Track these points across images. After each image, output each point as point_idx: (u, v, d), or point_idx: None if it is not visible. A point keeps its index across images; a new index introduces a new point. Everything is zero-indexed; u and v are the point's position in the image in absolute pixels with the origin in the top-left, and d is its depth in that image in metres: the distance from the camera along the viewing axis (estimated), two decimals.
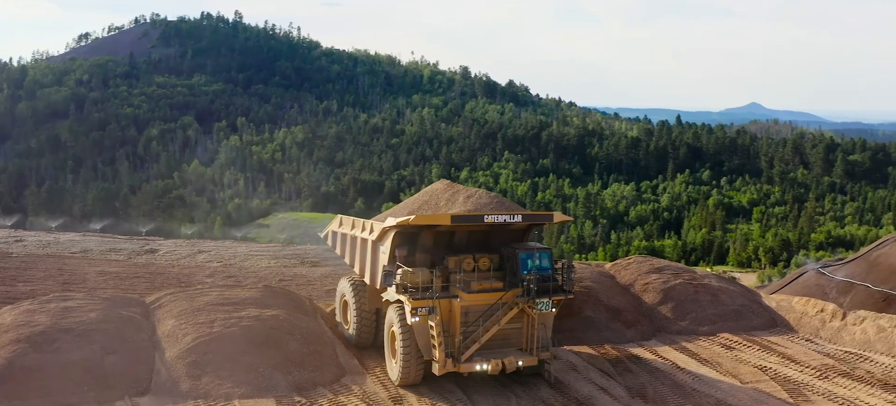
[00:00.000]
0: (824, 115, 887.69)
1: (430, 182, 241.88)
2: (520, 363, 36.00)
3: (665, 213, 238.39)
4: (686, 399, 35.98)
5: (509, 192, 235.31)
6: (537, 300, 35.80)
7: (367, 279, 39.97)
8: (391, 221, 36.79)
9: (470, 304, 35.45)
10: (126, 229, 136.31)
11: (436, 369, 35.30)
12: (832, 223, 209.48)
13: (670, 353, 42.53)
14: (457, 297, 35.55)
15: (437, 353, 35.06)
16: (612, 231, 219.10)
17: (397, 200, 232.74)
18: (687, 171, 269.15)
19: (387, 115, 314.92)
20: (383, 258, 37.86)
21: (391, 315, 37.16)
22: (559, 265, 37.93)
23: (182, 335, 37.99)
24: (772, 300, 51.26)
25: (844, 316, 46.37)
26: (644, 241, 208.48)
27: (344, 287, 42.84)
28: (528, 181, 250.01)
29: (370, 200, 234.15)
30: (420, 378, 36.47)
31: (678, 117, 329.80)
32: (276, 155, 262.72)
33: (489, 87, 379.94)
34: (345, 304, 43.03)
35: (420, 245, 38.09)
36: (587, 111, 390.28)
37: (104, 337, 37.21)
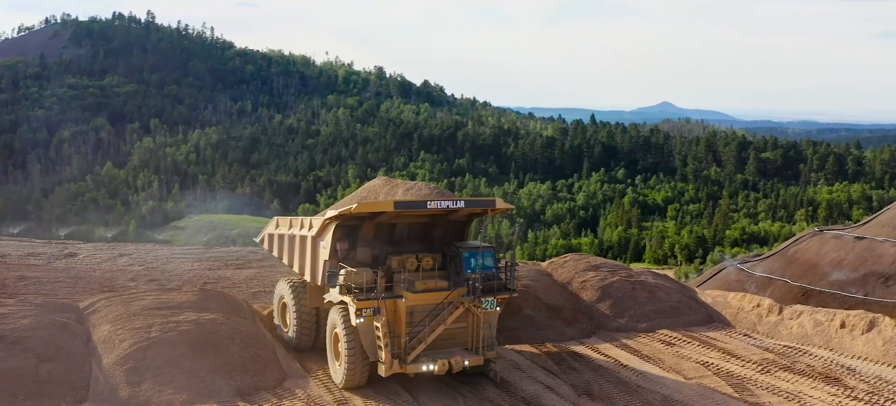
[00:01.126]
0: (734, 113, 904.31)
1: (347, 183, 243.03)
2: (466, 363, 35.57)
3: (581, 212, 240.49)
4: (633, 396, 35.87)
5: None
6: (483, 299, 35.46)
7: (307, 277, 39.11)
8: (331, 212, 36.22)
9: (415, 303, 34.87)
10: (41, 233, 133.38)
11: (382, 371, 34.65)
12: (746, 220, 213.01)
13: (612, 351, 42.46)
14: (401, 297, 34.99)
15: (383, 355, 34.40)
16: (529, 230, 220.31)
17: (314, 202, 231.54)
18: (602, 169, 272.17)
19: (302, 116, 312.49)
20: (324, 253, 37.07)
21: (334, 316, 36.42)
22: (502, 263, 37.68)
23: (119, 341, 36.83)
24: (707, 296, 51.59)
25: (781, 311, 46.81)
26: (561, 240, 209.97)
27: (282, 289, 41.94)
28: (445, 181, 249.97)
29: (286, 202, 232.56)
30: (365, 380, 35.80)
31: (592, 116, 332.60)
32: (190, 156, 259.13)
33: (404, 87, 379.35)
34: (283, 307, 42.17)
35: (361, 238, 37.48)
36: (502, 111, 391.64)
37: (38, 344, 35.85)
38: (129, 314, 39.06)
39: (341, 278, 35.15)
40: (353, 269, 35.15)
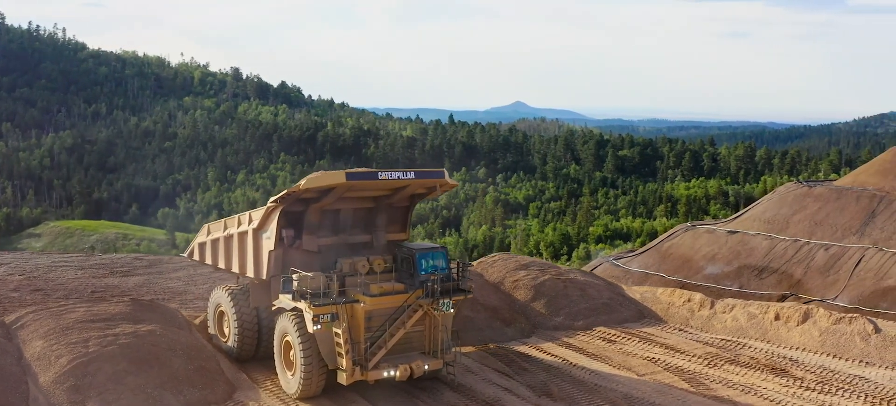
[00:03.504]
0: (586, 112, 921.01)
1: (207, 186, 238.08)
2: (426, 367, 34.62)
3: (444, 211, 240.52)
4: (593, 394, 35.48)
5: None
6: (440, 301, 34.59)
7: (250, 273, 37.40)
8: (274, 198, 35.02)
9: (373, 307, 33.66)
10: None
11: (343, 379, 33.28)
12: (608, 217, 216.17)
13: (556, 350, 42.07)
14: (359, 301, 33.77)
15: (343, 362, 33.05)
16: None
17: (173, 205, 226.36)
18: (463, 168, 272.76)
19: (158, 118, 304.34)
20: (268, 243, 35.72)
21: (285, 324, 34.83)
22: (454, 265, 36.86)
23: (55, 357, 34.41)
24: (635, 292, 51.71)
25: (713, 305, 47.17)
26: (427, 239, 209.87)
27: (220, 297, 40.00)
28: None
29: (145, 206, 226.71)
30: (321, 389, 34.48)
31: (451, 116, 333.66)
32: (44, 161, 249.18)
33: (261, 89, 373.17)
34: (221, 315, 40.27)
35: (307, 224, 36.03)
36: (360, 112, 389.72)
37: None
38: (61, 328, 36.63)
39: (295, 284, 33.76)
40: (308, 274, 33.81)
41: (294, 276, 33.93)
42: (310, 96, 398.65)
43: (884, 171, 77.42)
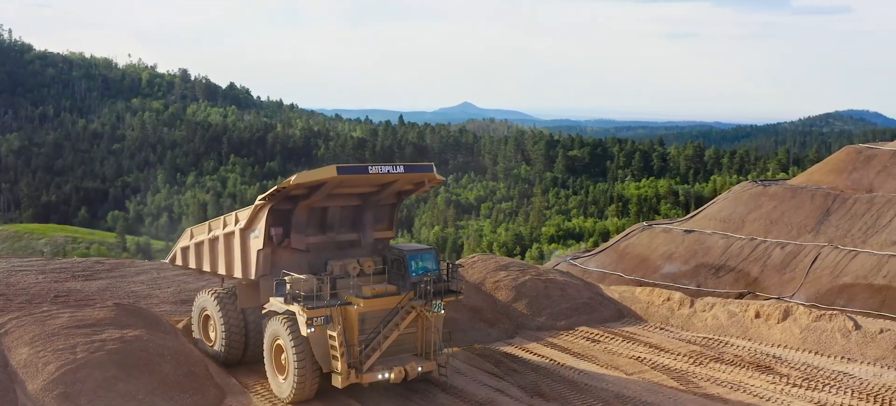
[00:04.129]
0: (534, 113, 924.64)
1: (157, 188, 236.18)
2: (420, 369, 34.53)
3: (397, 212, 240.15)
4: (585, 394, 35.59)
5: (239, 195, 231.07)
6: (433, 302, 34.55)
7: (238, 274, 37.08)
8: (263, 196, 34.85)
9: (367, 310, 33.52)
10: None
11: (338, 382, 33.08)
12: (560, 217, 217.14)
13: (542, 350, 42.13)
14: (351, 303, 33.58)
15: (339, 365, 32.85)
16: None
17: (123, 208, 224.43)
18: None
19: (106, 120, 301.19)
20: (257, 243, 35.42)
21: (276, 327, 34.50)
22: (443, 265, 36.81)
23: (43, 364, 33.79)
24: (613, 292, 51.95)
25: (693, 304, 47.50)
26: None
27: (205, 301, 39.51)
28: (258, 184, 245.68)
29: (94, 209, 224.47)
30: (314, 392, 34.24)
31: (400, 117, 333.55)
32: None
33: (210, 90, 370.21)
34: (205, 319, 39.85)
35: (295, 222, 35.77)
36: (309, 113, 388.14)
37: None
38: (46, 335, 35.96)
39: (288, 286, 33.52)
40: (300, 276, 33.62)
41: (286, 279, 33.70)
42: (258, 97, 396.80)
43: (837, 170, 78.40)
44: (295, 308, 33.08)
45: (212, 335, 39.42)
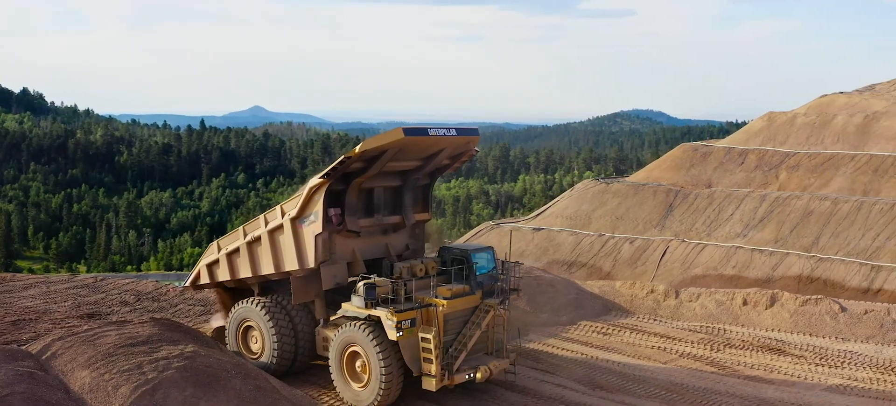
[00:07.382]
0: (325, 116, 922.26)
1: None
2: (497, 367, 35.28)
3: (208, 218, 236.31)
4: (641, 384, 36.93)
5: (43, 204, 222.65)
6: (505, 301, 35.51)
7: (292, 266, 36.12)
8: (321, 175, 34.65)
9: (450, 311, 34.02)
10: None
11: (431, 385, 33.12)
12: None
13: (568, 345, 43.18)
14: (434, 305, 34.00)
15: (433, 368, 33.14)
16: (159, 240, 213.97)
17: None
18: (222, 174, 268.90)
19: None
20: (314, 228, 34.85)
21: (352, 333, 34.09)
22: (498, 262, 37.66)
23: (112, 388, 31.65)
24: (593, 286, 53.63)
25: (678, 294, 49.74)
26: (196, 247, 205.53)
27: (247, 311, 38.51)
28: (62, 192, 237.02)
29: None
30: (396, 398, 34.44)
31: (202, 122, 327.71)
32: None
33: (2, 95, 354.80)
34: (246, 330, 39.06)
35: (347, 206, 35.60)
36: (107, 119, 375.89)
37: (22, 402, 30.87)
38: (103, 355, 34.02)
39: (361, 290, 33.67)
40: (381, 279, 33.96)
41: (361, 283, 33.85)
42: (52, 103, 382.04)
43: (675, 167, 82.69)
44: (380, 312, 33.22)
45: (254, 347, 38.78)
